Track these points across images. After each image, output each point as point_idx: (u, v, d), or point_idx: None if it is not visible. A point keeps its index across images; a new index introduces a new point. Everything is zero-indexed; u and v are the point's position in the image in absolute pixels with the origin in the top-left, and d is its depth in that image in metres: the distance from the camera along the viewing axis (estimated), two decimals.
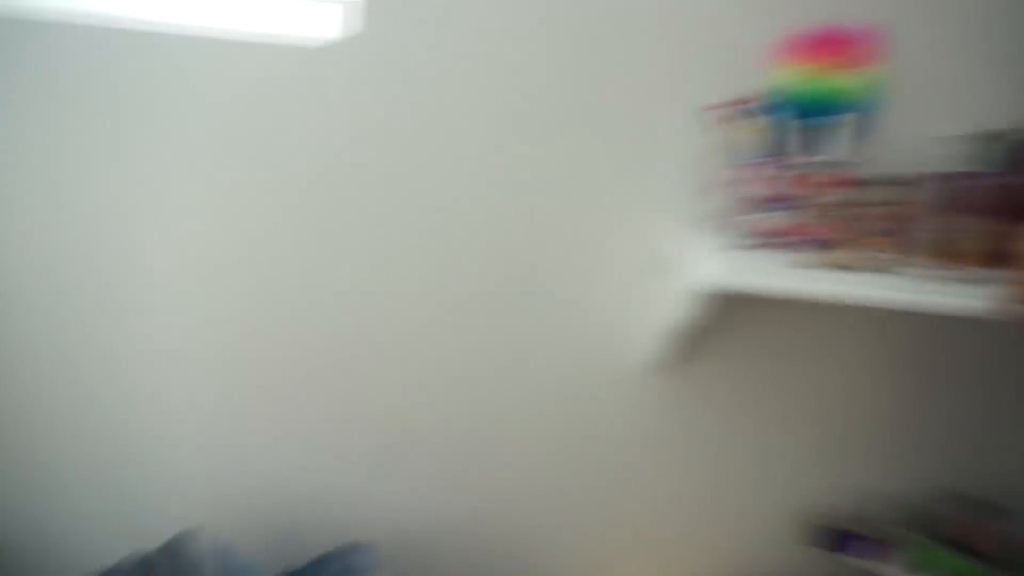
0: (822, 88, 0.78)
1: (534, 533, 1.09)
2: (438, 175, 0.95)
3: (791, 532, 1.07)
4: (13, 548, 1.19)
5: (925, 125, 0.85)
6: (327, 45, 0.92)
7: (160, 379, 1.08)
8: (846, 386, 0.99)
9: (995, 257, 0.78)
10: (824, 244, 0.76)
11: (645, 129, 0.90)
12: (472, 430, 1.05)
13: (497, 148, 0.93)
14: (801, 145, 0.80)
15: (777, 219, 0.78)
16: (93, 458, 1.14)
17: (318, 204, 0.99)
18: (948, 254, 0.75)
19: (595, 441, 1.05)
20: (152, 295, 1.05)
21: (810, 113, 0.79)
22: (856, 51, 0.78)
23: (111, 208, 1.03)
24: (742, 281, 0.71)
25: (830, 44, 0.79)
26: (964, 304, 0.70)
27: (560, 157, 0.92)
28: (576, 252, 0.97)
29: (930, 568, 0.97)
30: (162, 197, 1.02)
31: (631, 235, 0.95)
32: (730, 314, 0.93)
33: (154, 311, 1.05)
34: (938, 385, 0.99)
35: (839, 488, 1.05)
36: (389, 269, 0.99)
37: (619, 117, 0.90)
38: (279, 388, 1.06)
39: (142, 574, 0.89)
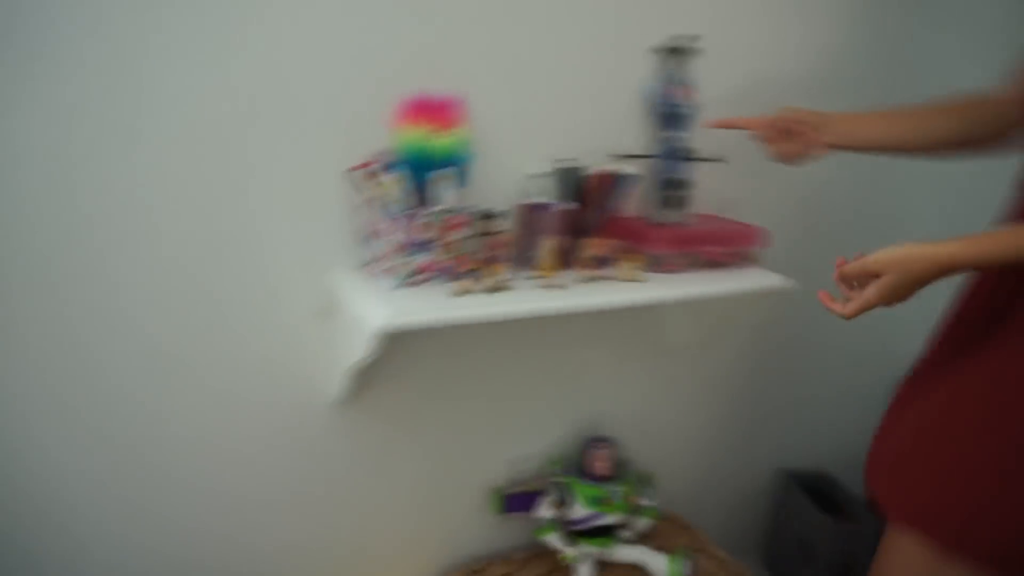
0: (428, 147, 0.95)
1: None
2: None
3: (481, 507, 1.28)
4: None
5: (511, 167, 1.09)
6: None
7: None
8: (503, 382, 1.23)
9: (568, 263, 1.06)
10: (457, 275, 0.94)
11: (310, 187, 0.97)
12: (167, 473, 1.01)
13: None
14: (423, 196, 0.97)
15: (420, 260, 0.94)
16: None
17: None
18: (541, 266, 0.99)
19: (292, 472, 1.10)
20: None
21: (423, 168, 0.96)
22: (448, 116, 0.98)
23: None
24: (402, 319, 0.84)
25: (429, 110, 0.97)
26: (569, 305, 0.94)
27: (232, 214, 0.94)
28: (250, 302, 0.99)
29: (571, 499, 1.25)
30: None
31: (304, 283, 1.01)
32: (401, 343, 1.06)
33: None
34: (567, 366, 1.28)
35: (510, 461, 1.28)
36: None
37: (282, 176, 0.95)
38: None
39: None
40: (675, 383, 1.42)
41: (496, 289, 0.95)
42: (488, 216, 1.00)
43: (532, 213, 1.04)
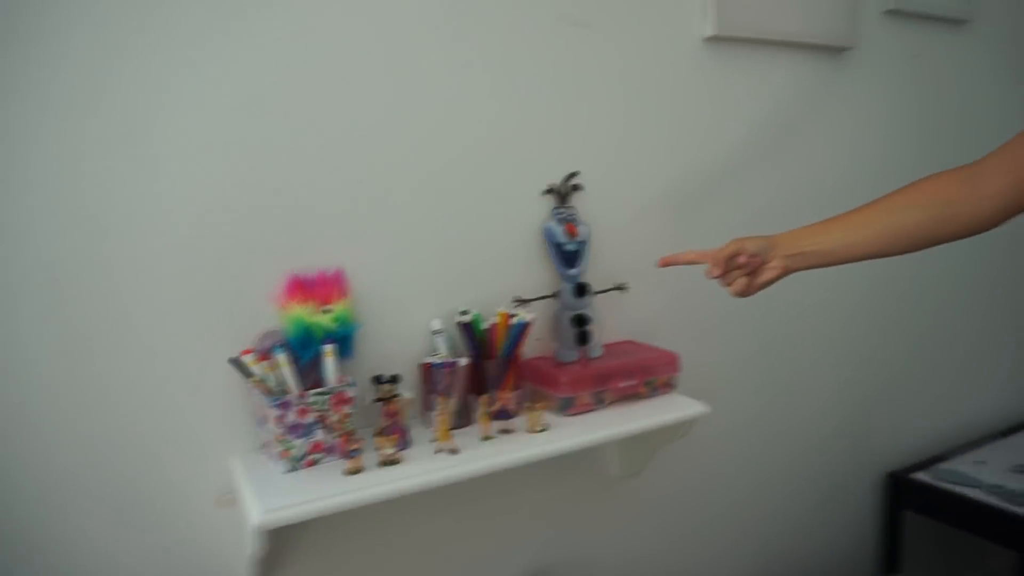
0: (309, 324, 0.95)
1: None
2: None
3: None
4: None
5: (412, 326, 1.08)
6: None
7: None
8: (445, 550, 1.17)
9: (470, 419, 1.04)
10: (347, 453, 0.91)
11: (205, 372, 0.96)
12: None
13: None
14: (310, 374, 0.96)
15: (309, 441, 0.92)
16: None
17: None
18: (437, 429, 0.97)
19: None
20: None
21: (308, 346, 0.96)
22: (328, 291, 0.98)
23: None
24: (280, 513, 0.81)
25: (308, 288, 0.98)
26: (458, 473, 0.91)
27: (127, 404, 0.92)
28: (148, 492, 0.95)
29: None
30: None
31: (205, 470, 0.98)
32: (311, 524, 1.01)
33: None
34: (507, 516, 1.22)
35: None
36: None
37: (178, 363, 0.94)
38: None
39: None
40: (616, 516, 1.36)
41: (388, 463, 0.92)
42: (382, 381, 0.98)
43: (431, 372, 1.03)
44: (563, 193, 1.17)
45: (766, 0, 1.33)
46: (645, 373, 1.14)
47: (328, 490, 0.86)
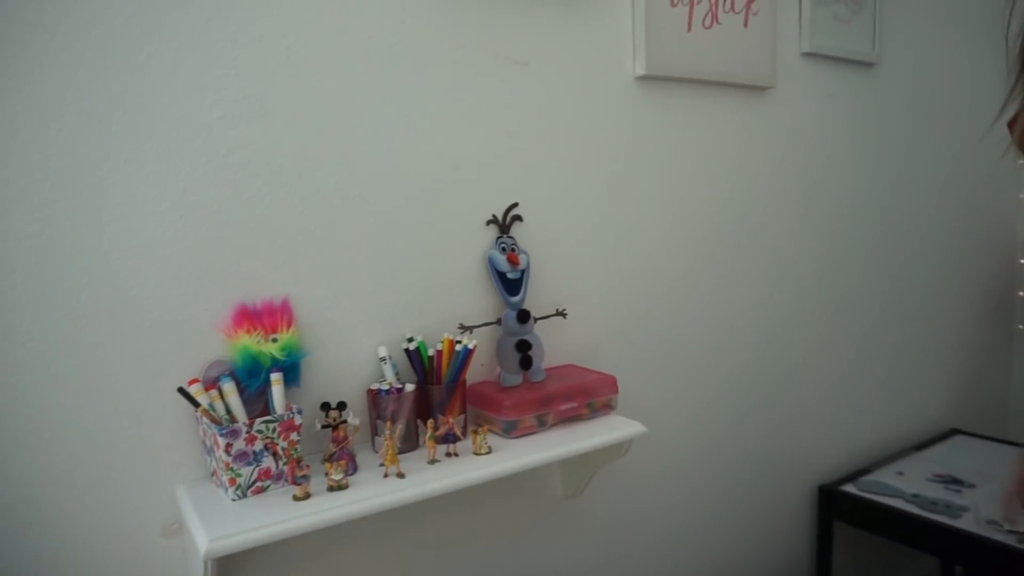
0: (255, 353, 0.97)
1: None
2: None
3: None
4: None
5: (360, 353, 1.10)
6: None
7: None
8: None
9: (416, 444, 1.07)
10: (295, 479, 0.93)
11: (153, 401, 0.96)
12: None
13: None
14: (258, 403, 0.97)
15: (257, 469, 0.93)
16: None
17: None
18: (384, 454, 0.99)
19: None
20: None
21: (255, 374, 0.97)
22: (274, 320, 1.00)
23: None
24: (226, 542, 0.82)
25: (254, 317, 0.99)
26: (404, 497, 0.94)
27: (72, 435, 0.91)
28: (93, 521, 0.94)
29: None
30: None
31: (152, 499, 0.97)
32: (262, 552, 1.01)
33: None
34: (452, 542, 1.25)
35: None
36: None
37: (124, 392, 0.94)
38: None
39: None
40: (560, 535, 1.40)
41: (336, 488, 0.94)
42: (329, 408, 1.00)
43: (378, 398, 1.06)
44: (504, 223, 1.22)
45: (693, 42, 1.43)
46: (586, 395, 1.19)
47: (275, 516, 0.87)
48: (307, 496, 0.92)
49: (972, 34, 2.01)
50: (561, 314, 1.27)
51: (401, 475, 0.98)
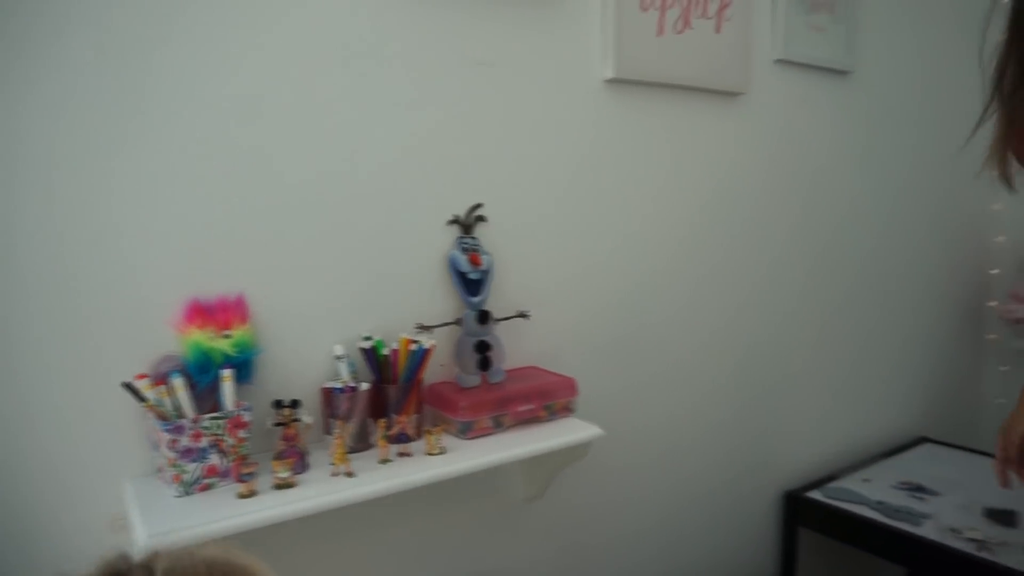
0: (207, 349, 0.96)
1: None
2: None
3: None
4: None
5: (315, 350, 1.10)
6: None
7: None
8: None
9: (369, 443, 1.07)
10: (241, 477, 0.92)
11: (99, 395, 0.95)
12: None
13: None
14: (208, 399, 0.97)
15: (203, 465, 0.92)
16: None
17: None
18: (333, 452, 0.99)
19: None
20: None
21: (206, 370, 0.97)
22: (227, 316, 1.00)
23: None
24: (165, 537, 0.81)
25: (207, 313, 0.99)
26: (353, 495, 0.93)
27: (16, 425, 0.90)
28: (37, 514, 0.93)
29: None
30: None
31: (97, 493, 0.97)
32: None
33: None
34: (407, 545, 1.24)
35: None
36: None
37: (69, 384, 0.93)
38: None
39: None
40: (519, 539, 1.39)
41: (282, 486, 0.93)
42: (281, 406, 1.00)
43: (331, 396, 1.05)
44: (467, 224, 1.22)
45: (664, 46, 1.43)
46: (544, 397, 1.19)
47: (218, 514, 0.87)
48: (252, 494, 0.92)
49: (947, 44, 2.02)
50: (523, 315, 1.27)
51: (350, 474, 0.98)
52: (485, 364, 1.19)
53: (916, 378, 2.19)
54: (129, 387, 0.91)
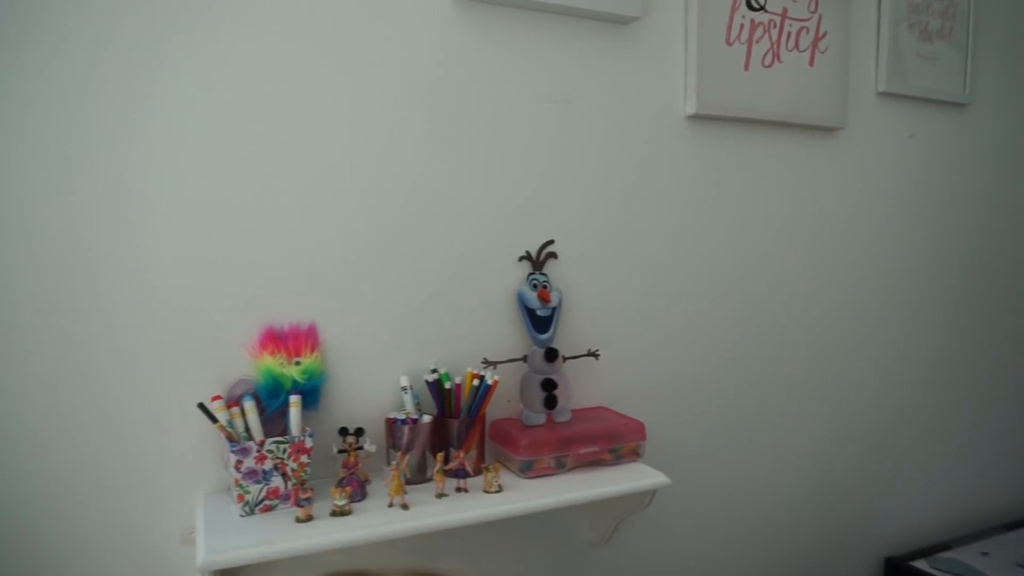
0: (278, 375, 1.00)
1: None
2: None
3: None
4: None
5: (382, 380, 1.12)
6: None
7: None
8: None
9: (427, 476, 1.07)
10: (300, 501, 0.95)
11: (177, 413, 1.01)
12: None
13: None
14: (276, 422, 1.01)
15: (266, 487, 0.96)
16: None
17: None
18: (390, 484, 1.00)
19: None
20: None
21: (276, 395, 1.01)
22: (299, 344, 1.04)
23: None
24: (222, 556, 0.84)
25: (280, 340, 1.03)
26: (406, 528, 0.94)
27: (98, 439, 0.97)
28: (117, 524, 1.00)
29: None
30: None
31: (172, 507, 1.03)
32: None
33: None
34: None
35: None
36: None
37: (150, 402, 1.00)
38: None
39: None
40: None
41: (338, 514, 0.95)
42: (347, 434, 1.02)
43: (394, 427, 1.07)
44: (538, 260, 1.22)
45: (750, 81, 1.38)
46: (609, 440, 1.16)
47: (274, 535, 0.89)
48: (309, 519, 0.94)
49: None
50: (593, 355, 1.24)
51: (405, 506, 0.99)
52: (551, 403, 1.17)
53: None
54: (202, 407, 0.97)
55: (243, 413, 0.99)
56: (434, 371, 1.12)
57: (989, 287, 1.79)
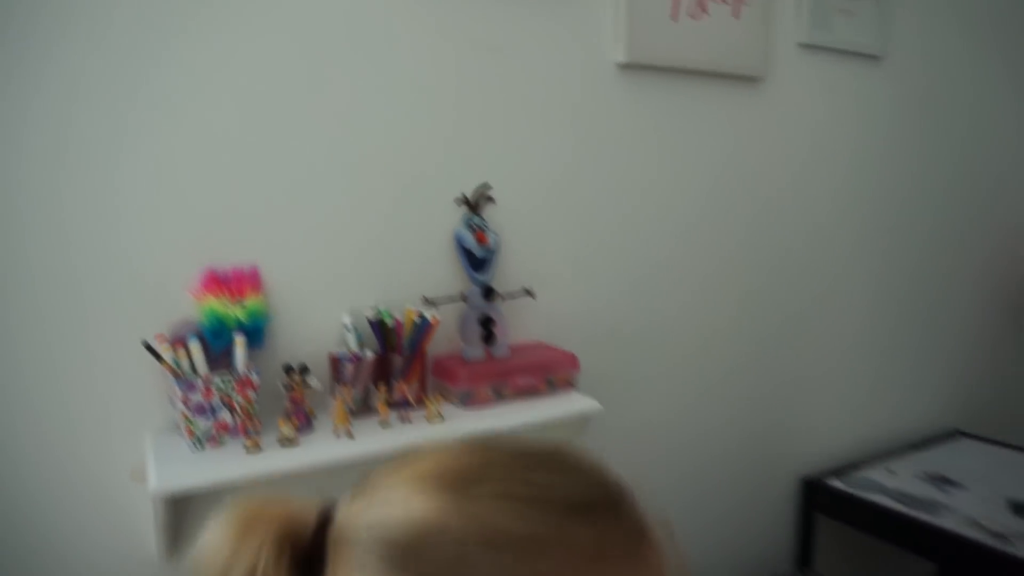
0: (222, 316, 1.03)
1: None
2: None
3: None
4: None
5: (324, 318, 1.17)
6: None
7: None
8: None
9: (371, 409, 1.12)
10: (248, 434, 0.99)
11: (120, 351, 1.03)
12: None
13: None
14: (221, 361, 1.04)
15: (214, 422, 1.00)
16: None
17: None
18: (334, 415, 1.05)
19: None
20: None
21: (220, 335, 1.04)
22: (242, 285, 1.07)
23: None
24: (174, 482, 0.89)
25: (223, 282, 1.06)
26: (348, 454, 0.99)
27: (39, 379, 0.99)
28: (67, 453, 1.02)
29: None
30: None
31: (119, 445, 1.05)
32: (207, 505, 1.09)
33: None
34: None
35: None
36: None
37: (91, 341, 1.02)
38: None
39: None
40: None
41: (286, 443, 1.00)
42: (291, 370, 1.07)
43: (338, 363, 1.11)
44: (474, 203, 1.26)
45: (678, 31, 1.44)
46: (545, 371, 1.23)
47: (224, 466, 0.94)
48: (258, 448, 0.99)
49: (993, 25, 1.96)
50: (529, 294, 1.31)
51: (351, 435, 1.04)
52: (489, 338, 1.23)
53: (951, 369, 2.13)
54: (147, 346, 0.99)
55: (188, 353, 1.02)
56: (378, 308, 1.16)
57: (903, 221, 1.92)
